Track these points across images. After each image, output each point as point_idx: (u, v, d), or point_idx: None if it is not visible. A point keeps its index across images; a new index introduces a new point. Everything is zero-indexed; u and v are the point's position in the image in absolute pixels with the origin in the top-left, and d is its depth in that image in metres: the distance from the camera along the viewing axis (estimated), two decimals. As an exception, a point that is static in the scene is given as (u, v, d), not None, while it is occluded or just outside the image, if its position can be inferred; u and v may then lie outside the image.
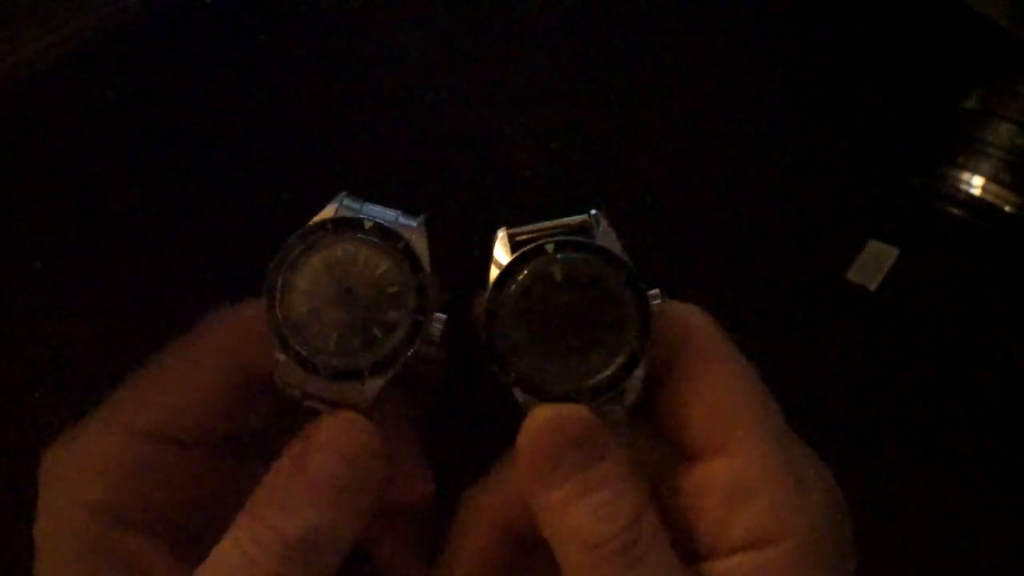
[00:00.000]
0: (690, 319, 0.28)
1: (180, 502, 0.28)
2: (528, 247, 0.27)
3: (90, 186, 0.37)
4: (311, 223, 0.28)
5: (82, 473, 0.27)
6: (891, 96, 0.39)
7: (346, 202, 0.28)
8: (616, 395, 0.27)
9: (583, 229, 0.28)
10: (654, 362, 0.27)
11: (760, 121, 0.40)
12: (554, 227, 0.28)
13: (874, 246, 0.39)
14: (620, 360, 0.27)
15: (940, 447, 0.39)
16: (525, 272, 0.27)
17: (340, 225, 0.28)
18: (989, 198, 0.37)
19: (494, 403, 0.28)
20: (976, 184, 0.37)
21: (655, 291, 0.27)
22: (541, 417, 0.27)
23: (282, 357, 0.27)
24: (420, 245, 0.28)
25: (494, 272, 0.27)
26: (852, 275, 0.39)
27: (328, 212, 0.28)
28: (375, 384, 0.27)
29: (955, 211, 0.37)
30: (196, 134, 0.38)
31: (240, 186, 0.38)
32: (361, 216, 0.28)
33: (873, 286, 0.39)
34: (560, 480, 0.26)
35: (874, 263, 0.39)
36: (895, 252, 0.38)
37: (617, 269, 0.27)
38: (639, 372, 0.27)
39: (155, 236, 0.37)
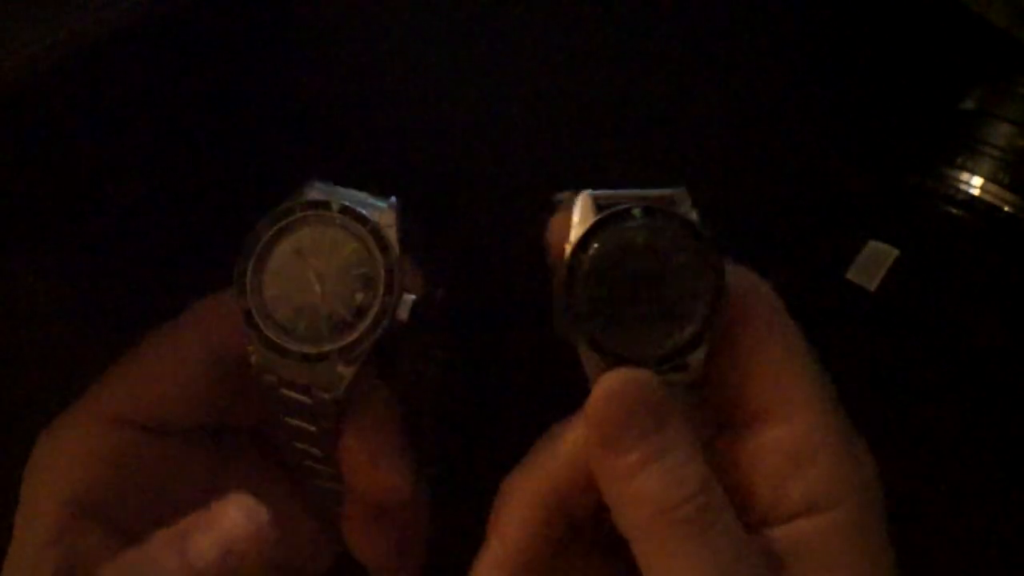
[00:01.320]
0: (750, 287, 0.29)
1: (157, 498, 0.28)
2: (615, 208, 0.27)
3: (90, 185, 0.37)
4: (279, 207, 0.28)
5: (58, 463, 0.28)
6: (891, 96, 0.39)
7: (317, 185, 0.28)
8: (680, 365, 0.27)
9: (668, 201, 0.28)
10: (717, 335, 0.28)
11: (760, 121, 0.40)
12: (637, 196, 0.28)
13: (874, 246, 0.39)
14: (689, 332, 0.27)
15: (940, 447, 0.39)
16: (608, 233, 0.27)
17: (307, 207, 0.28)
18: (988, 198, 0.37)
19: (500, 403, 0.28)
20: (975, 184, 0.37)
21: (731, 268, 0.28)
22: (613, 380, 0.27)
23: (251, 341, 0.27)
24: (389, 227, 0.28)
25: (576, 230, 0.27)
26: (852, 275, 0.39)
27: (298, 196, 0.28)
28: (348, 370, 0.27)
29: (955, 211, 0.37)
30: (196, 134, 0.38)
31: (241, 186, 0.38)
32: (328, 199, 0.28)
33: (873, 286, 0.39)
34: (630, 445, 0.26)
35: (874, 263, 0.39)
36: (895, 252, 0.39)
37: (699, 240, 0.27)
38: (705, 345, 0.27)
39: (155, 236, 0.37)
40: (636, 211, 0.27)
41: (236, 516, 0.27)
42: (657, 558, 0.25)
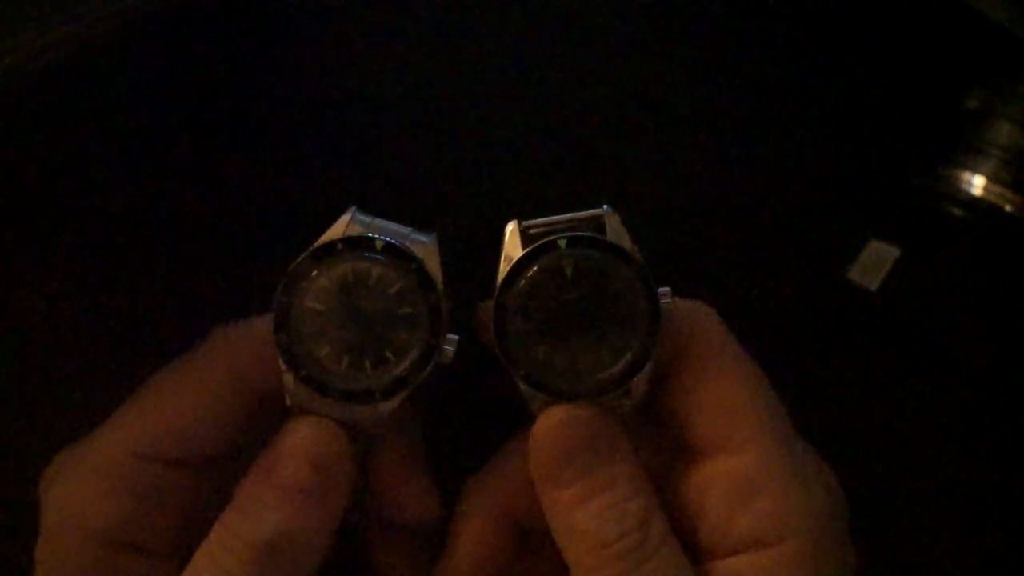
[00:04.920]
0: (697, 316, 0.28)
1: (185, 522, 0.28)
2: (539, 243, 0.27)
3: (90, 186, 0.37)
4: (321, 241, 0.27)
5: (83, 496, 0.27)
6: (891, 96, 0.39)
7: (357, 217, 0.28)
8: (623, 392, 0.27)
9: (595, 224, 0.28)
10: (659, 359, 0.27)
11: (760, 121, 0.40)
12: (566, 221, 0.28)
13: (874, 246, 0.39)
14: (629, 357, 0.27)
15: (940, 447, 0.39)
16: (536, 267, 0.27)
17: (351, 244, 0.27)
18: (990, 198, 0.37)
19: (491, 400, 0.28)
20: (977, 184, 0.37)
21: (665, 289, 0.27)
22: (552, 419, 0.27)
23: (292, 379, 0.27)
24: (433, 264, 0.27)
25: (504, 266, 0.27)
26: (853, 275, 0.39)
27: (338, 229, 0.27)
28: (388, 406, 0.27)
29: (955, 211, 0.37)
30: (196, 135, 0.38)
31: (242, 187, 0.38)
32: (372, 235, 0.27)
33: (874, 286, 0.38)
34: (569, 481, 0.26)
35: (874, 263, 0.39)
36: (895, 252, 0.38)
37: (628, 266, 0.27)
38: (647, 370, 0.27)
39: (155, 237, 0.37)
40: (561, 242, 0.27)
41: (309, 432, 0.27)
42: None
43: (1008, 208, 0.37)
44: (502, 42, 0.39)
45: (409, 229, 0.28)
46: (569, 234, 0.27)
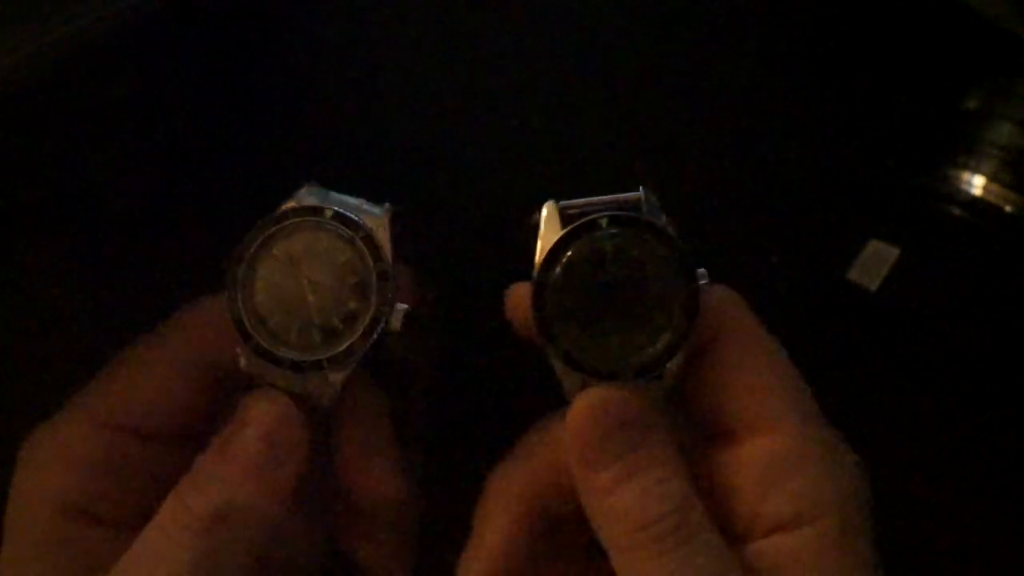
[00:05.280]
0: (727, 300, 0.28)
1: (147, 494, 0.28)
2: (581, 221, 0.27)
3: (90, 185, 0.37)
4: (273, 213, 0.28)
5: (48, 465, 0.28)
6: (891, 96, 0.39)
7: (311, 190, 0.28)
8: (658, 375, 0.27)
9: (633, 205, 0.27)
10: (693, 343, 0.27)
11: (760, 121, 0.40)
12: (604, 202, 0.27)
13: (874, 246, 0.39)
14: (666, 340, 0.27)
15: (940, 447, 0.39)
16: (576, 246, 0.27)
17: (301, 214, 0.27)
18: (990, 198, 0.37)
19: (514, 391, 0.28)
20: (977, 184, 0.37)
21: (702, 271, 0.27)
22: (588, 401, 0.27)
23: (245, 349, 0.27)
24: (382, 234, 0.27)
25: (543, 244, 0.27)
26: (852, 275, 0.39)
27: (292, 202, 0.28)
28: (339, 376, 0.27)
29: (955, 211, 0.37)
30: (196, 134, 0.38)
31: (241, 186, 0.38)
32: (322, 204, 0.28)
33: (874, 286, 0.38)
34: (607, 463, 0.26)
35: (874, 263, 0.39)
36: (895, 252, 0.38)
37: (668, 248, 0.27)
38: (682, 353, 0.27)
39: (155, 237, 0.37)
40: (603, 220, 0.27)
41: (263, 407, 0.27)
42: (634, 574, 0.26)
43: (1008, 208, 0.37)
44: (511, 37, 0.39)
45: (361, 201, 0.28)
46: (611, 213, 0.27)
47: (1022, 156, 0.37)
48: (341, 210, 0.27)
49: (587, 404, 0.27)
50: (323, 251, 0.27)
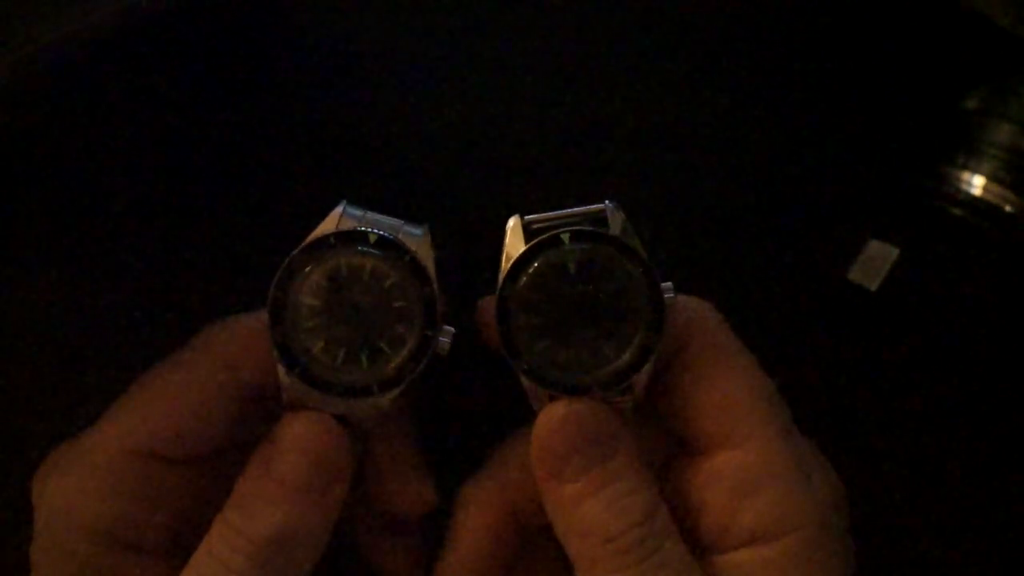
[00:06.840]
0: (696, 311, 0.28)
1: (180, 519, 0.28)
2: (543, 236, 0.27)
3: (91, 186, 0.37)
4: (313, 237, 0.27)
5: (77, 494, 0.27)
6: (891, 96, 0.39)
7: (349, 211, 0.28)
8: (625, 388, 0.27)
9: (598, 219, 0.27)
10: (660, 355, 0.27)
11: (760, 121, 0.40)
12: (569, 216, 0.27)
13: (874, 246, 0.39)
14: (631, 352, 0.27)
15: (940, 447, 0.39)
16: (539, 261, 0.27)
17: (344, 238, 0.27)
18: (989, 198, 0.37)
19: (490, 399, 0.28)
20: (976, 184, 0.37)
21: (668, 284, 0.27)
22: (555, 413, 0.27)
23: (287, 374, 0.27)
24: (426, 256, 0.27)
25: (506, 260, 0.27)
26: (852, 275, 0.39)
27: (330, 223, 0.27)
28: (385, 400, 0.27)
29: (955, 211, 0.37)
30: (197, 134, 0.38)
31: (241, 186, 0.38)
32: (364, 228, 0.27)
33: (874, 286, 0.38)
34: (572, 476, 0.26)
35: (874, 263, 0.39)
36: (895, 252, 0.38)
37: (632, 261, 0.27)
38: (649, 365, 0.27)
39: (155, 237, 0.37)
40: (564, 236, 0.27)
41: (311, 429, 0.27)
42: None
43: (1008, 208, 0.37)
44: (503, 41, 0.39)
45: (401, 222, 0.28)
46: (573, 228, 0.27)
47: (1022, 156, 0.37)
48: (385, 233, 0.27)
49: (551, 418, 0.27)
50: (368, 275, 0.27)
